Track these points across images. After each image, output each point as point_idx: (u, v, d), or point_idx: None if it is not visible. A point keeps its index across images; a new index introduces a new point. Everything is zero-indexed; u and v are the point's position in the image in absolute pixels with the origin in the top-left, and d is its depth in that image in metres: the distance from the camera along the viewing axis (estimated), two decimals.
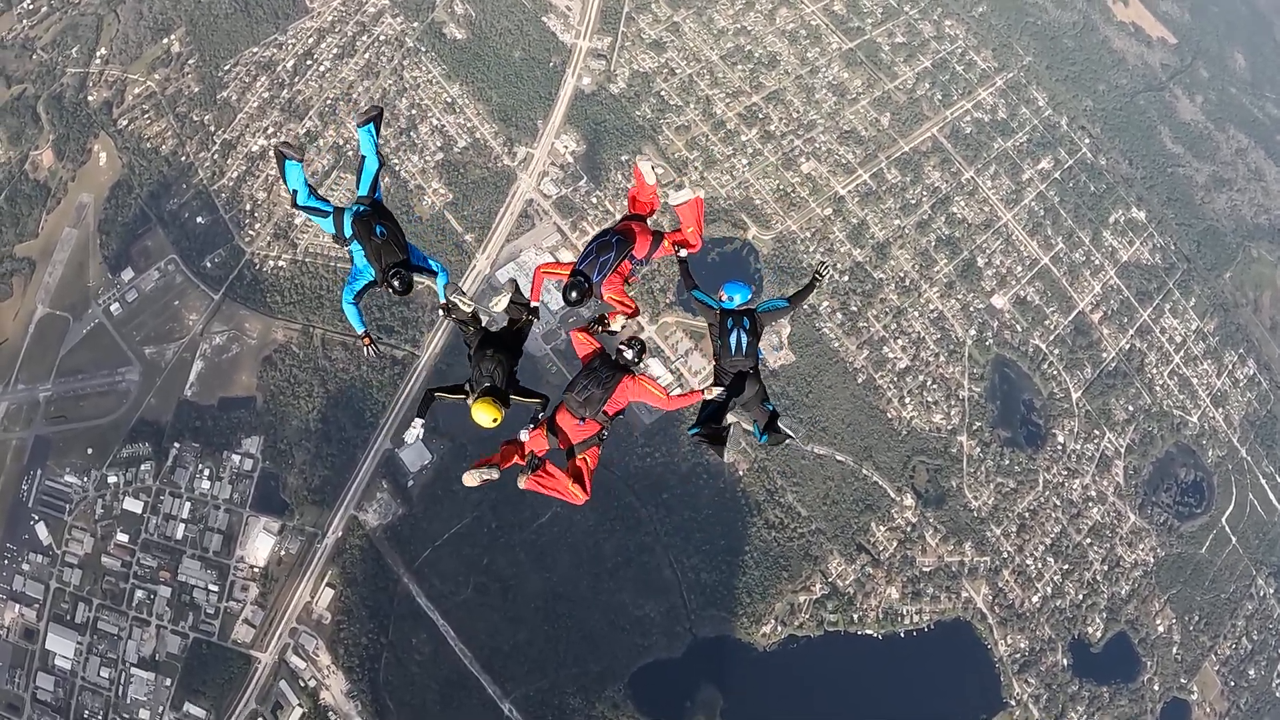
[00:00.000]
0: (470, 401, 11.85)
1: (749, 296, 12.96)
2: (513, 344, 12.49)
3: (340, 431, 66.05)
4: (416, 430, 13.21)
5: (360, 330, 12.76)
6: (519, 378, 12.49)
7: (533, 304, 13.06)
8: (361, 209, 12.27)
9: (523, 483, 11.84)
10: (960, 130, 77.93)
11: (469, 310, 12.62)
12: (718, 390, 12.66)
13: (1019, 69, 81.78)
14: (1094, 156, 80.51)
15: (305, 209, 12.50)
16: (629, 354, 12.42)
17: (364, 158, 12.67)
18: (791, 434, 13.47)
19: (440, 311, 12.70)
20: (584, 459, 12.25)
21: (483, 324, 12.66)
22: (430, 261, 12.71)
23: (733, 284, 12.88)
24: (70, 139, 75.55)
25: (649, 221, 13.65)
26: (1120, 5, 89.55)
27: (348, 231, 12.21)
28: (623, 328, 13.37)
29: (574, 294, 12.07)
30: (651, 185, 13.61)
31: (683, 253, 13.59)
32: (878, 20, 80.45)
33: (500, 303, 13.00)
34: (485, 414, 11.61)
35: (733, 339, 12.61)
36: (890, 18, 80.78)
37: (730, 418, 13.05)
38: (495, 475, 11.91)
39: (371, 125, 12.56)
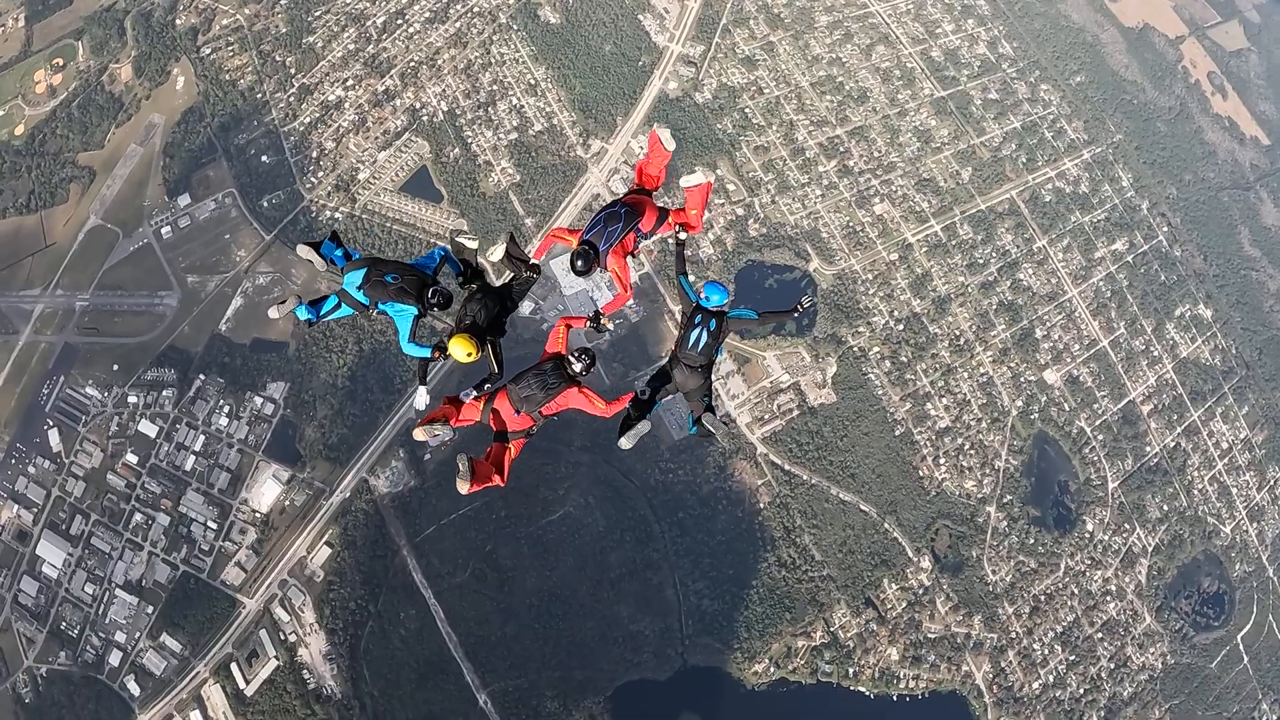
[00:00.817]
0: (448, 336, 12.19)
1: (724, 300, 13.09)
2: (504, 296, 12.82)
3: (367, 393, 64.00)
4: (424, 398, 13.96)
5: (429, 354, 12.77)
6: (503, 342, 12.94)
7: (533, 260, 13.46)
8: (363, 272, 12.43)
9: (464, 489, 11.84)
10: (1040, 197, 74.76)
11: (473, 247, 13.00)
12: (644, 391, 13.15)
13: (1108, 145, 78.47)
14: (1169, 246, 77.01)
15: (323, 318, 12.96)
16: (577, 366, 12.48)
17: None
18: (713, 430, 13.37)
19: (460, 284, 13.03)
20: (508, 448, 12.47)
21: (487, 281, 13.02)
22: (435, 254, 13.17)
23: (713, 285, 13.11)
24: (152, 58, 74.81)
25: (654, 197, 13.83)
26: (1219, 98, 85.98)
27: (365, 300, 12.44)
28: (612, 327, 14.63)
29: (580, 262, 12.49)
30: (669, 152, 13.52)
31: (683, 235, 13.96)
32: (974, 73, 77.53)
33: (496, 252, 13.10)
34: (461, 347, 11.98)
35: (692, 335, 12.89)
36: (987, 72, 77.83)
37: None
38: (449, 432, 12.34)
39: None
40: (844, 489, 64.51)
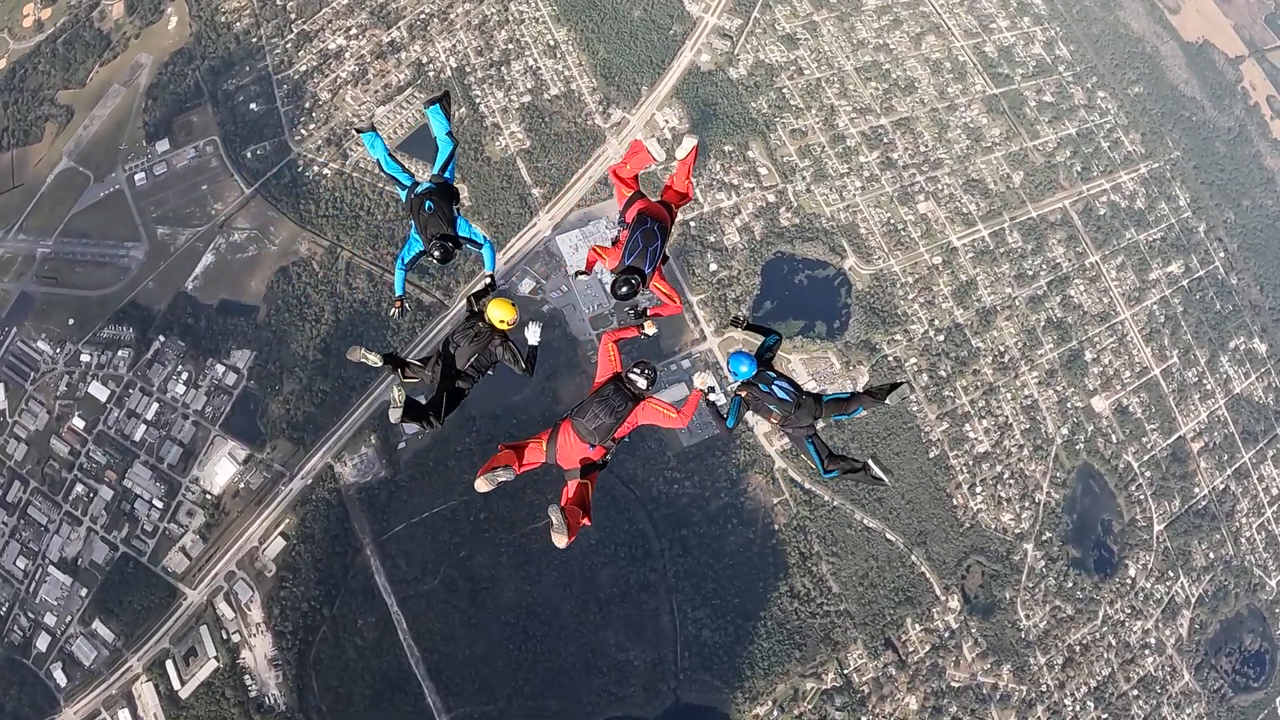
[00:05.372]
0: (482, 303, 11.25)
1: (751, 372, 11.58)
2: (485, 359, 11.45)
3: (340, 369, 52.15)
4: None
5: (399, 293, 12.04)
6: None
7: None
8: (426, 187, 11.32)
9: (562, 543, 9.92)
10: (1094, 209, 62.40)
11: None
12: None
13: (1165, 161, 66.07)
14: (1226, 273, 64.70)
15: (386, 165, 11.94)
16: (641, 383, 10.70)
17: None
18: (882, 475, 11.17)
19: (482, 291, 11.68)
20: (588, 484, 10.56)
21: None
22: (478, 234, 11.54)
23: (735, 358, 11.58)
24: None
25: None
26: (1278, 123, 73.30)
27: (412, 206, 11.49)
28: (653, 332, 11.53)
29: (624, 289, 10.49)
30: (653, 160, 11.34)
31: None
32: (1029, 73, 65.11)
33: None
34: (499, 310, 10.90)
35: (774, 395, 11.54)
36: (1042, 74, 65.40)
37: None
38: (511, 475, 10.29)
39: (438, 106, 11.76)
40: (869, 514, 52.11)
